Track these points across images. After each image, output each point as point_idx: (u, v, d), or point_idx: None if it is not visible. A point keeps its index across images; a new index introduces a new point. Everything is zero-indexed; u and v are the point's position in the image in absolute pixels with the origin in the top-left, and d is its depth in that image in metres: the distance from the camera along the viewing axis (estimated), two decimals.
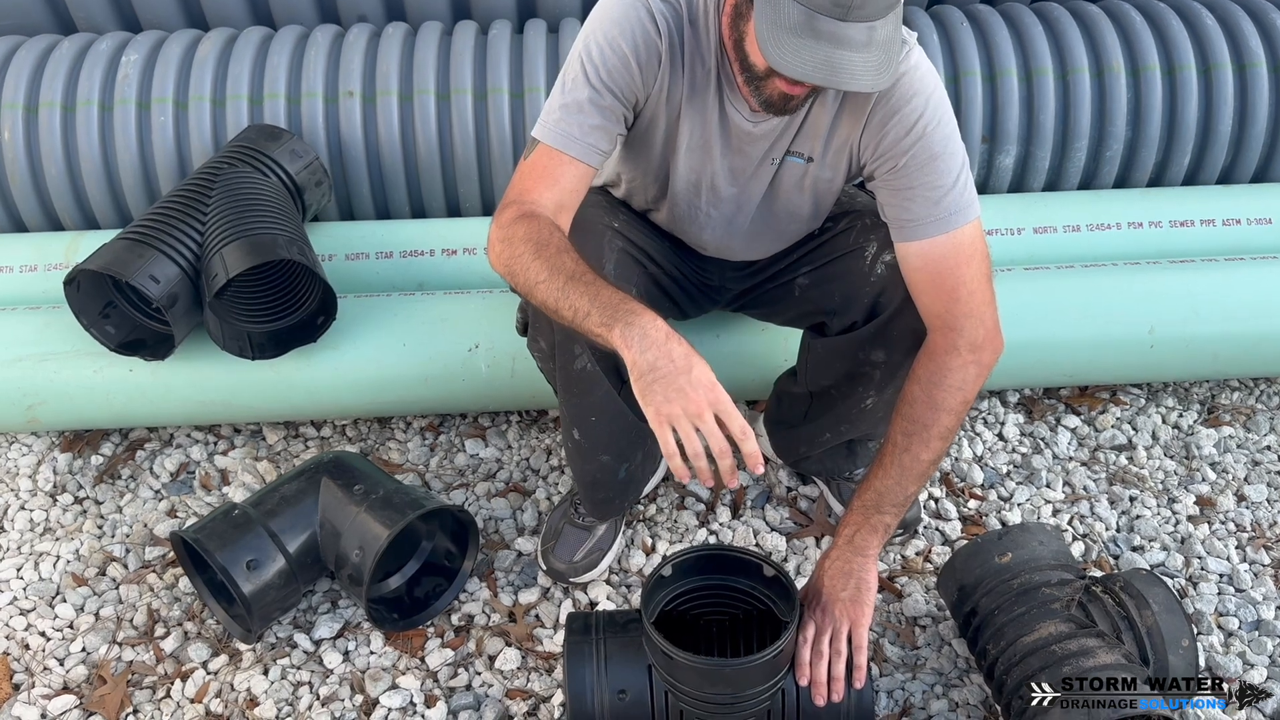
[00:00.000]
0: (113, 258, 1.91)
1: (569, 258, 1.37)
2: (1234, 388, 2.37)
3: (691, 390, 1.25)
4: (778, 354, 2.08)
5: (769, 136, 1.56)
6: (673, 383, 1.26)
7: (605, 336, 1.30)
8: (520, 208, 1.44)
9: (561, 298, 1.34)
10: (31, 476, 2.17)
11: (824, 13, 1.25)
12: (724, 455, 1.27)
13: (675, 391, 1.25)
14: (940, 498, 2.08)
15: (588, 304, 1.32)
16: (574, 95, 1.46)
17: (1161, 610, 1.58)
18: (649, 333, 1.28)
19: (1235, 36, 2.44)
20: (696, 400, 1.25)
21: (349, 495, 1.80)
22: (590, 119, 1.47)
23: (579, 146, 1.47)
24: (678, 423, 1.25)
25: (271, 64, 2.33)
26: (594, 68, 1.45)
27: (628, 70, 1.47)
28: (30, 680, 1.78)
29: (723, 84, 1.51)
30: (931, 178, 1.50)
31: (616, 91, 1.47)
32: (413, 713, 1.72)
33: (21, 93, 2.30)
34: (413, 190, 2.42)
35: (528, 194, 1.46)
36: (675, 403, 1.25)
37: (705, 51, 1.49)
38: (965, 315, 1.51)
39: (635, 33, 1.45)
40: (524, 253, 1.38)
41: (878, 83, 1.30)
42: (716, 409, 1.25)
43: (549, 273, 1.35)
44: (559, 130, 1.47)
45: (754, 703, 1.47)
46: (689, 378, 1.25)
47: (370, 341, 2.07)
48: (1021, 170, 2.48)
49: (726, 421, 1.26)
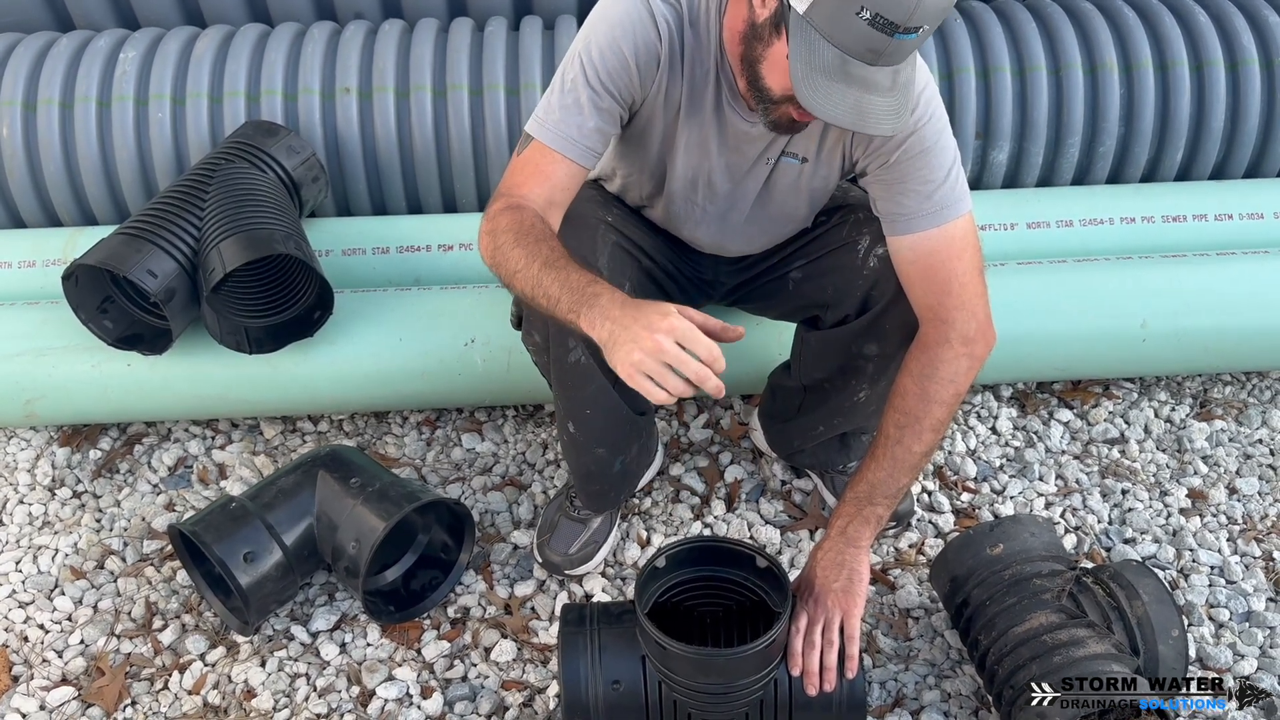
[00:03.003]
0: (110, 253, 1.92)
1: (546, 246, 1.36)
2: (1226, 382, 2.38)
3: (647, 332, 1.21)
4: (771, 348, 2.09)
5: (766, 137, 1.57)
6: (628, 334, 1.23)
7: (575, 323, 1.29)
8: (509, 200, 1.45)
9: (536, 285, 1.33)
10: (30, 471, 2.18)
11: (857, 57, 1.27)
12: (704, 380, 1.22)
13: (632, 341, 1.22)
14: (933, 490, 2.10)
15: (558, 290, 1.31)
16: (574, 95, 1.47)
17: (1151, 600, 1.59)
18: (607, 309, 1.26)
19: (1228, 33, 2.44)
20: (653, 340, 1.20)
21: (345, 488, 1.82)
22: (589, 120, 1.47)
23: (575, 148, 1.47)
24: (646, 368, 1.21)
25: (269, 60, 2.34)
26: (594, 69, 1.46)
27: (627, 72, 1.47)
28: (29, 672, 1.80)
29: (721, 84, 1.52)
30: (924, 172, 1.51)
31: (615, 93, 1.48)
32: (409, 704, 1.74)
33: (20, 89, 2.31)
34: (409, 186, 2.42)
35: (518, 189, 1.47)
36: (634, 350, 1.21)
37: (705, 53, 1.50)
38: (957, 308, 1.53)
39: (636, 34, 1.45)
40: (505, 242, 1.39)
41: (897, 126, 1.33)
42: (675, 337, 1.20)
43: (526, 260, 1.35)
44: (557, 130, 1.47)
45: (747, 692, 1.48)
46: (643, 323, 1.22)
47: (367, 336, 2.09)
48: (1015, 166, 2.49)
49: (691, 347, 1.21)
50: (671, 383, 1.21)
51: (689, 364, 1.20)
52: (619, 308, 1.25)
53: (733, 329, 1.26)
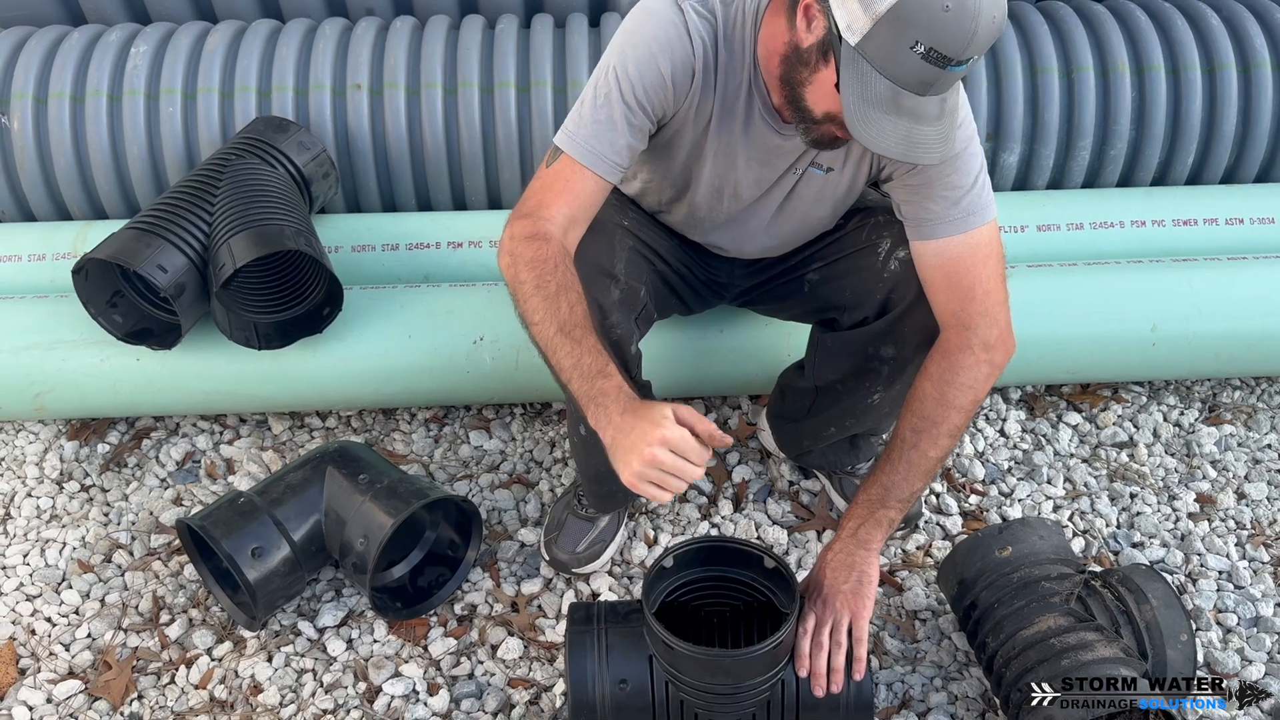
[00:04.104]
0: (121, 247, 1.92)
1: (565, 301, 1.40)
2: (1235, 386, 2.38)
3: (643, 444, 1.30)
4: (781, 349, 2.09)
5: (795, 150, 1.57)
6: (628, 442, 1.32)
7: (582, 412, 1.39)
8: (534, 224, 1.44)
9: (549, 348, 1.41)
10: (38, 464, 2.19)
11: (908, 89, 1.28)
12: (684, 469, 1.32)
13: (630, 453, 1.32)
14: (941, 493, 2.09)
15: (570, 367, 1.39)
16: (607, 111, 1.46)
17: (1160, 604, 1.59)
18: (610, 413, 1.35)
19: (1240, 37, 2.44)
20: (650, 452, 1.30)
21: (354, 484, 1.82)
22: (621, 137, 1.47)
23: (604, 164, 1.47)
24: (646, 477, 1.32)
25: (280, 56, 2.34)
26: (630, 85, 1.45)
27: (663, 89, 1.47)
28: (36, 665, 1.80)
29: (754, 98, 1.51)
30: (952, 178, 1.51)
31: (649, 110, 1.48)
32: (415, 700, 1.74)
33: (31, 83, 2.31)
34: (419, 183, 2.43)
35: (545, 208, 1.46)
36: (634, 462, 1.31)
37: (738, 67, 1.49)
38: (980, 314, 1.53)
39: (674, 51, 1.45)
40: (526, 281, 1.41)
41: (944, 153, 1.36)
42: (670, 446, 1.30)
43: (543, 315, 1.40)
44: (588, 146, 1.46)
45: (754, 693, 1.48)
46: (640, 432, 1.31)
47: (376, 333, 2.09)
48: (1025, 168, 2.49)
49: (684, 454, 1.30)
50: (671, 484, 1.32)
51: (683, 471, 1.31)
52: (620, 413, 1.34)
53: (721, 437, 1.33)
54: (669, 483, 1.32)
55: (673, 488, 1.33)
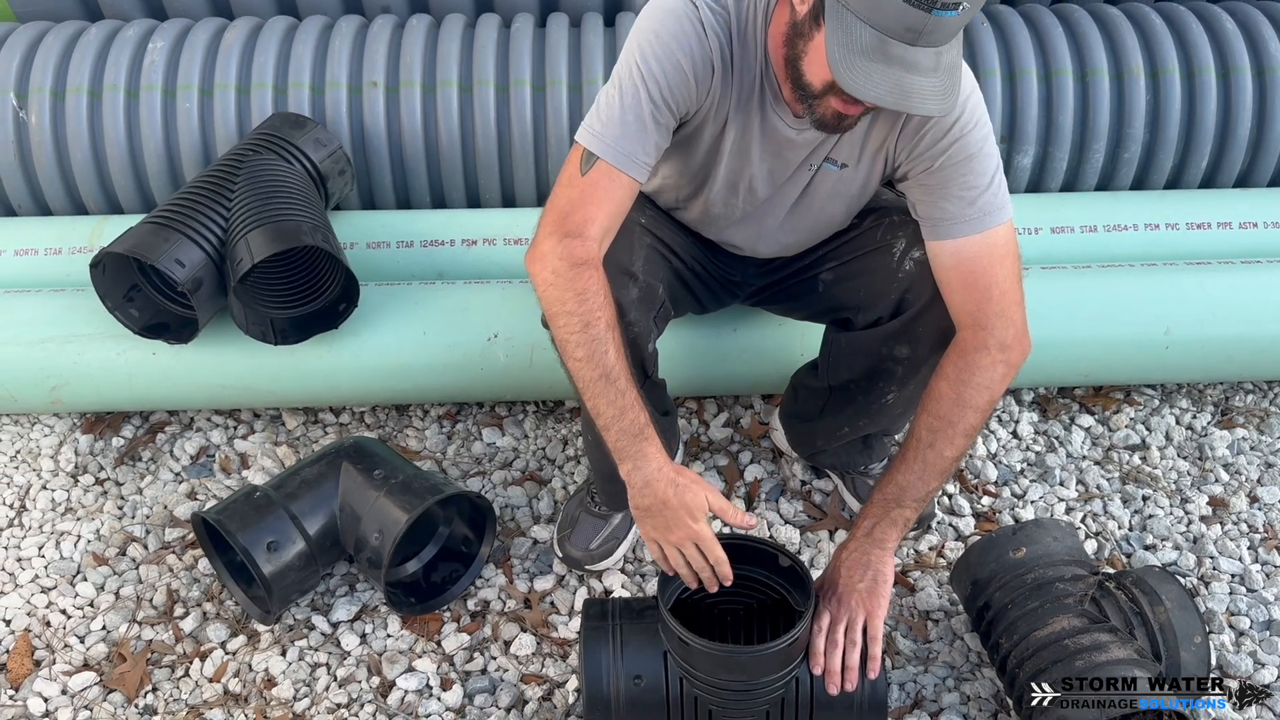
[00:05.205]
0: (139, 241, 1.93)
1: (611, 345, 1.43)
2: (1248, 390, 2.38)
3: (677, 526, 1.45)
4: (794, 348, 2.09)
5: (809, 144, 1.57)
6: (662, 518, 1.46)
7: (617, 461, 1.48)
8: (582, 248, 1.43)
9: (589, 393, 1.45)
10: (53, 457, 2.20)
11: (896, 37, 1.26)
12: (702, 570, 1.49)
13: (663, 525, 1.47)
14: (954, 494, 2.09)
15: (610, 418, 1.45)
16: (635, 111, 1.45)
17: (1174, 606, 1.59)
18: (651, 481, 1.45)
19: (1255, 40, 2.44)
20: (679, 535, 1.46)
21: (369, 480, 1.82)
22: (651, 137, 1.47)
23: (638, 166, 1.47)
24: (668, 555, 1.50)
25: (296, 53, 2.35)
26: (654, 82, 1.44)
27: (686, 86, 1.47)
28: (51, 657, 1.81)
29: (766, 91, 1.52)
30: (968, 177, 1.51)
31: (674, 106, 1.47)
32: (429, 695, 1.74)
33: (49, 78, 2.32)
34: (434, 180, 2.43)
35: (589, 224, 1.45)
36: (662, 533, 1.48)
37: (751, 60, 1.50)
38: (996, 315, 1.53)
39: (693, 46, 1.45)
40: (572, 313, 1.43)
41: (944, 106, 1.33)
42: (697, 541, 1.46)
43: (586, 357, 1.43)
44: (620, 149, 1.45)
45: (768, 690, 1.49)
46: (676, 514, 1.45)
47: (390, 329, 2.09)
48: (1039, 170, 2.49)
49: (705, 551, 1.47)
50: (683, 572, 1.50)
51: (702, 570, 1.49)
52: (663, 484, 1.45)
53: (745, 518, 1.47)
54: (681, 569, 1.49)
55: (684, 575, 1.50)
